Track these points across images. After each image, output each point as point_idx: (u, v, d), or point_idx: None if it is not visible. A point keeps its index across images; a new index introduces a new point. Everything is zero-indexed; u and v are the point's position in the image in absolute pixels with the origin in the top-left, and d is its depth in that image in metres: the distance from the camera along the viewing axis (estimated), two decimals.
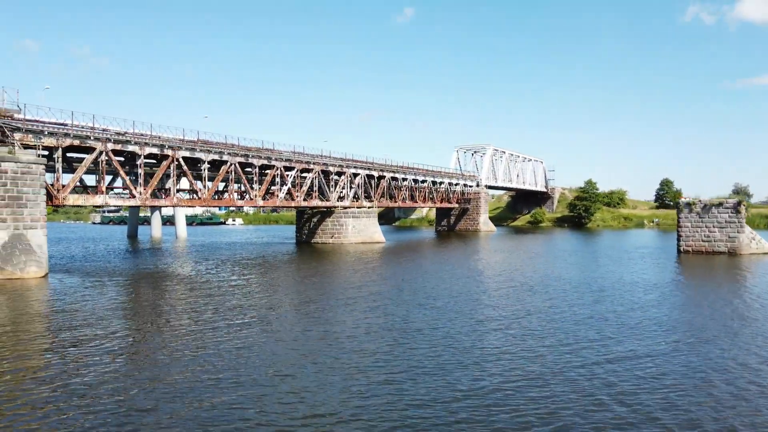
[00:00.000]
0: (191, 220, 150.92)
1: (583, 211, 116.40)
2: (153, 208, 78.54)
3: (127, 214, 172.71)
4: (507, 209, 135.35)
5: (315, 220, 63.58)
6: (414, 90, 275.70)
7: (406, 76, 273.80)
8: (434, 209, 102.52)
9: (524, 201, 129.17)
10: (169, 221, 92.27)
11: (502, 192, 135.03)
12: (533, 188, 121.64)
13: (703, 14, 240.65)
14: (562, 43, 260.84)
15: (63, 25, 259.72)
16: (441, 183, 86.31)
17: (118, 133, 40.91)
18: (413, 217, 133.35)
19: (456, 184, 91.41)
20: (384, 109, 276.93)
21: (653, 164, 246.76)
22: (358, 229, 63.36)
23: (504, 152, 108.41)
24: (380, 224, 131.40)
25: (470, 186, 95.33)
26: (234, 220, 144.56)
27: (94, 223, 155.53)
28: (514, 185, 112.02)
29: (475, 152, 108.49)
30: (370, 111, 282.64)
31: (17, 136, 34.46)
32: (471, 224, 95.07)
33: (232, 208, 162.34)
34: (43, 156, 35.88)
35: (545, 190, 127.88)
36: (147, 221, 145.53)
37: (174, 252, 53.44)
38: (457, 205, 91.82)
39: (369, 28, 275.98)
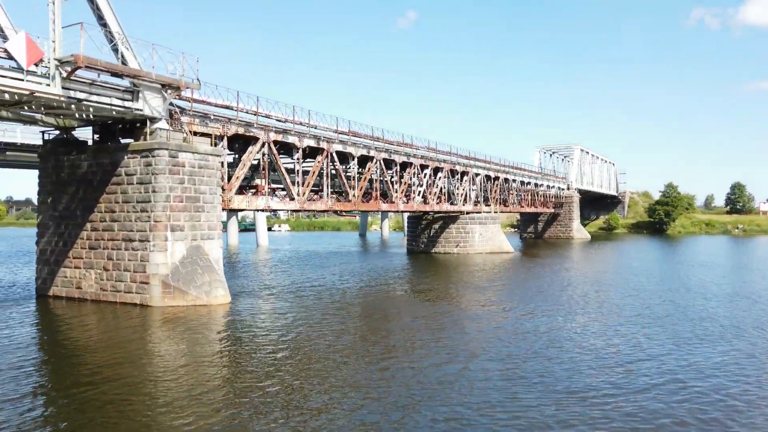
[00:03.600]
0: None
1: (664, 216, 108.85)
2: (230, 212, 70.89)
3: None
4: None
5: (437, 227, 55.88)
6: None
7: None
8: (517, 214, 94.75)
9: (591, 205, 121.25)
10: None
11: None
12: (607, 191, 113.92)
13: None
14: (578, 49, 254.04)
15: None
16: (540, 185, 78.64)
17: (279, 121, 33.30)
18: None
19: (552, 187, 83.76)
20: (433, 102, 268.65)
21: (707, 167, 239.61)
22: (486, 238, 55.69)
23: (588, 153, 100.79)
24: None
25: (562, 189, 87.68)
26: (280, 226, 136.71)
27: None
28: (595, 188, 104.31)
29: (553, 153, 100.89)
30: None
31: (184, 120, 26.79)
32: (563, 231, 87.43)
33: (271, 214, 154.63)
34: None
35: (616, 194, 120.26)
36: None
37: (286, 263, 45.76)
38: (552, 210, 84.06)
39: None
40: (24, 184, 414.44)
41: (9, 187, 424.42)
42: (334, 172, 38.21)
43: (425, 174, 49.05)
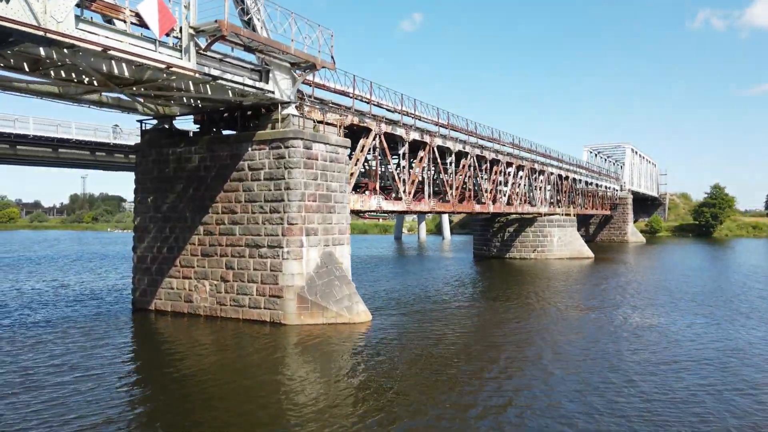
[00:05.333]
0: None
1: (711, 219, 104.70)
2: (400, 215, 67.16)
3: None
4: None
5: (511, 230, 52.02)
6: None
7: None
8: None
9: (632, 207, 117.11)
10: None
11: None
12: (650, 193, 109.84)
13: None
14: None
15: None
16: (599, 186, 74.74)
17: (389, 111, 29.61)
18: None
19: (609, 188, 79.86)
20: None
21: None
22: (565, 242, 51.83)
23: (636, 153, 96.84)
24: (463, 233, 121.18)
25: (615, 190, 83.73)
26: None
27: None
28: (642, 190, 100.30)
29: (599, 152, 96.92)
30: None
31: (305, 107, 23.07)
32: (617, 234, 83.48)
33: None
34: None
35: (657, 195, 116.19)
36: None
37: (367, 271, 41.97)
38: (608, 212, 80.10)
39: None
40: (30, 185, 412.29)
41: (18, 189, 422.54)
42: (433, 169, 34.46)
43: (509, 173, 45.29)
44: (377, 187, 28.55)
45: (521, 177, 47.55)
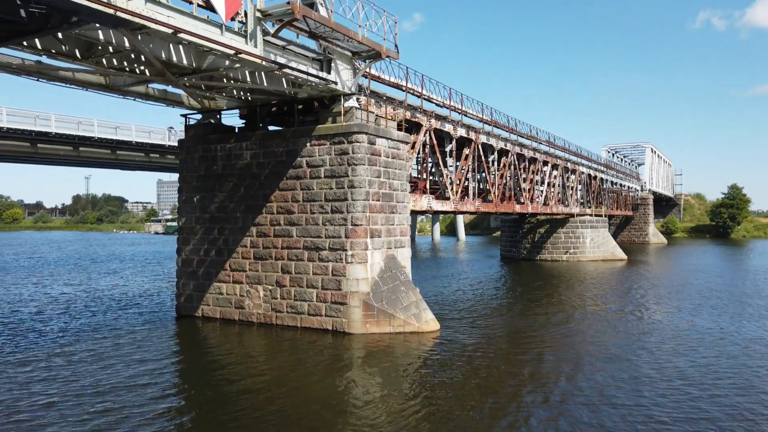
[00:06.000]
0: (173, 229, 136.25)
1: (729, 220, 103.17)
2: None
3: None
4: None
5: (542, 231, 50.52)
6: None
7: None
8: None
9: None
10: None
11: None
12: (667, 193, 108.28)
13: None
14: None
15: None
16: (623, 186, 73.26)
17: (438, 105, 28.13)
18: None
19: (631, 188, 78.39)
20: None
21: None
22: (597, 243, 50.34)
23: (655, 153, 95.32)
24: (475, 234, 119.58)
25: (636, 190, 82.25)
26: None
27: (156, 233, 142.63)
28: (660, 190, 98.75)
29: (616, 152, 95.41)
30: None
31: (362, 100, 21.58)
32: (637, 235, 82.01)
33: None
34: None
35: (672, 196, 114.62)
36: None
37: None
38: (630, 213, 78.60)
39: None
40: (31, 185, 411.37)
41: (18, 189, 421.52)
42: (476, 167, 32.96)
43: (545, 172, 43.82)
44: (427, 186, 27.09)
45: (555, 176, 46.10)
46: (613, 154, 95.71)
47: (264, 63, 16.10)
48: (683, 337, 18.94)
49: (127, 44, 15.15)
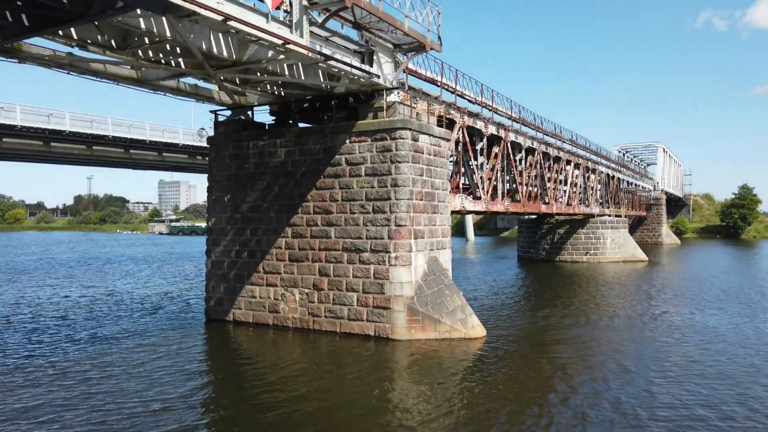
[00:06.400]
0: (177, 230, 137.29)
1: (740, 220, 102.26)
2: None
3: (190, 224, 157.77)
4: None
5: (562, 231, 49.61)
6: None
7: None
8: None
9: None
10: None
11: None
12: (677, 194, 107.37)
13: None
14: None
15: None
16: (637, 186, 72.36)
17: (471, 102, 27.27)
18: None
19: (645, 188, 77.49)
20: None
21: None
22: (618, 244, 49.44)
23: (667, 153, 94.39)
24: (482, 235, 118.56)
25: (649, 190, 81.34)
26: None
27: (161, 233, 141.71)
28: (671, 190, 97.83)
29: (627, 151, 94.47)
30: None
31: (401, 94, 20.67)
32: (650, 236, 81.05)
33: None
34: None
35: (681, 196, 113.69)
36: (195, 231, 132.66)
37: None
38: (644, 213, 77.69)
39: None
40: (31, 185, 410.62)
41: (19, 189, 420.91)
42: (503, 166, 32.06)
43: (568, 171, 42.92)
44: (460, 185, 26.21)
45: (576, 176, 45.21)
46: (624, 154, 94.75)
47: (310, 54, 15.21)
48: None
49: (168, 33, 14.26)
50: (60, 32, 13.95)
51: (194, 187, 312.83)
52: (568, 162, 42.48)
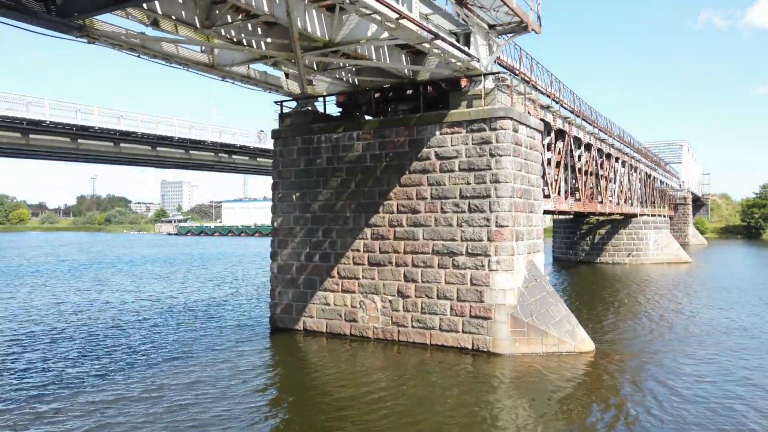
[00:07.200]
0: (186, 230, 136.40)
1: (761, 220, 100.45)
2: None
3: (195, 224, 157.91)
4: None
5: (603, 232, 47.77)
6: None
7: None
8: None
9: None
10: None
11: None
12: (697, 193, 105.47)
13: None
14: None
15: None
16: (668, 185, 70.52)
17: (541, 93, 25.40)
18: None
19: (673, 188, 75.64)
20: None
21: None
22: (661, 245, 47.61)
23: (689, 151, 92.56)
24: None
25: (676, 189, 79.46)
26: None
27: (169, 234, 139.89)
28: (694, 190, 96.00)
29: (649, 150, 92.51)
30: None
31: (488, 84, 18.81)
32: (677, 235, 78.69)
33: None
34: None
35: (701, 196, 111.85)
36: (204, 231, 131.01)
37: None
38: (673, 213, 75.78)
39: None
40: (32, 185, 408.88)
41: (19, 190, 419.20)
42: (566, 163, 30.23)
43: (615, 169, 41.07)
44: None
45: (623, 174, 43.36)
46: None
47: (419, 32, 13.37)
48: None
49: (266, 8, 12.47)
50: (144, 5, 12.15)
51: (196, 188, 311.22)
52: (617, 159, 40.64)
